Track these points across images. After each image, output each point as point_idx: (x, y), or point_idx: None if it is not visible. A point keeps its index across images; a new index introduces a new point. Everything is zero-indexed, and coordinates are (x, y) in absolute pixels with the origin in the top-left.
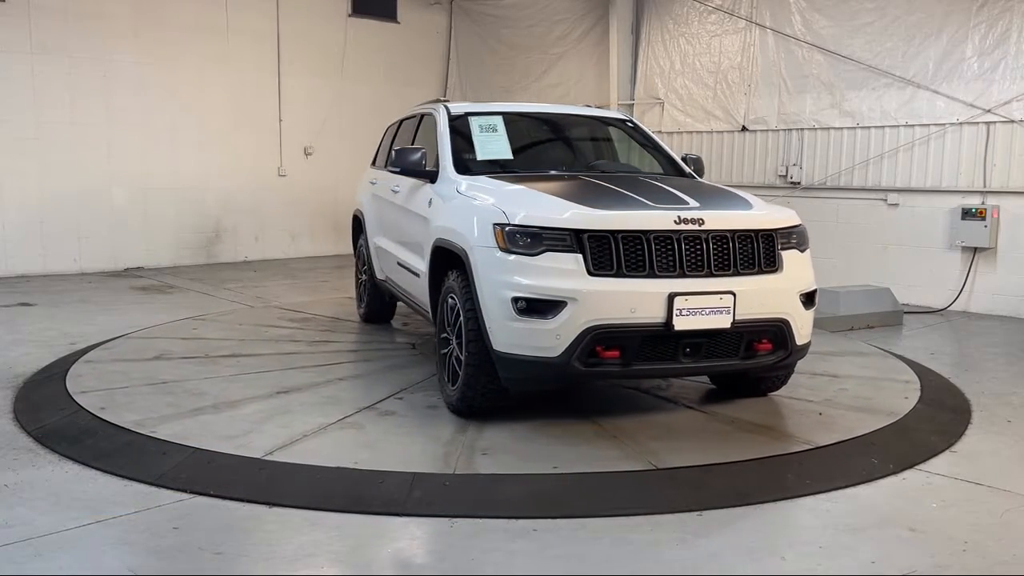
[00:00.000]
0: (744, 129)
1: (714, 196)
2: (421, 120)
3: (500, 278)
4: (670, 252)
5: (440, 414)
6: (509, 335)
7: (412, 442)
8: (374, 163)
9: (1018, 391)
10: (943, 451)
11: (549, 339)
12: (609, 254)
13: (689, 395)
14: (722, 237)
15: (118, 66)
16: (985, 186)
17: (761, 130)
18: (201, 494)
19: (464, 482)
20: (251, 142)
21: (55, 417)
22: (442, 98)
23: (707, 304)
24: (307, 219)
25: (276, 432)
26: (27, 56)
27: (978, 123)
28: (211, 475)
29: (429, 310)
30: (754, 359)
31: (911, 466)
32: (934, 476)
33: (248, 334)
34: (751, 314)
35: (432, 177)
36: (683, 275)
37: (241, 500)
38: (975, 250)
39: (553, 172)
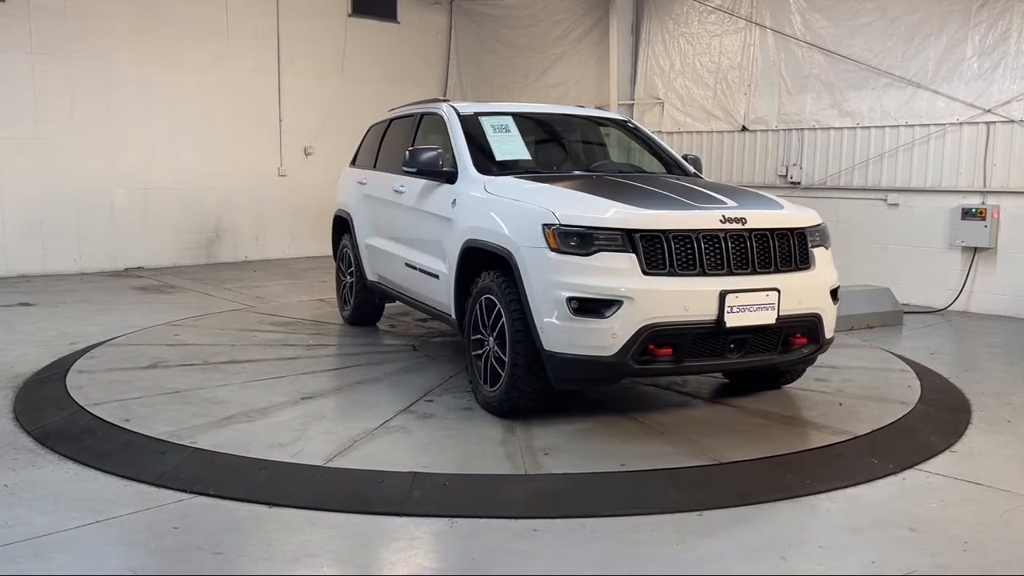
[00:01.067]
0: (744, 129)
1: (745, 196)
2: (421, 120)
3: (553, 278)
4: (718, 251)
5: (479, 415)
6: (563, 335)
7: (467, 444)
8: (354, 163)
9: (1018, 391)
10: (943, 451)
11: (605, 338)
12: (661, 253)
13: (705, 390)
14: (763, 235)
15: (118, 66)
16: (985, 186)
17: (761, 130)
18: (201, 494)
19: (464, 482)
20: (251, 142)
21: (55, 417)
22: (440, 97)
23: (755, 301)
24: (307, 219)
25: (324, 438)
26: (27, 56)
27: (978, 123)
28: (211, 475)
29: (449, 311)
30: (790, 353)
31: (911, 466)
32: (934, 476)
33: (238, 339)
34: (791, 310)
35: (450, 177)
36: (731, 273)
37: (241, 500)
38: (975, 250)
39: (576, 172)
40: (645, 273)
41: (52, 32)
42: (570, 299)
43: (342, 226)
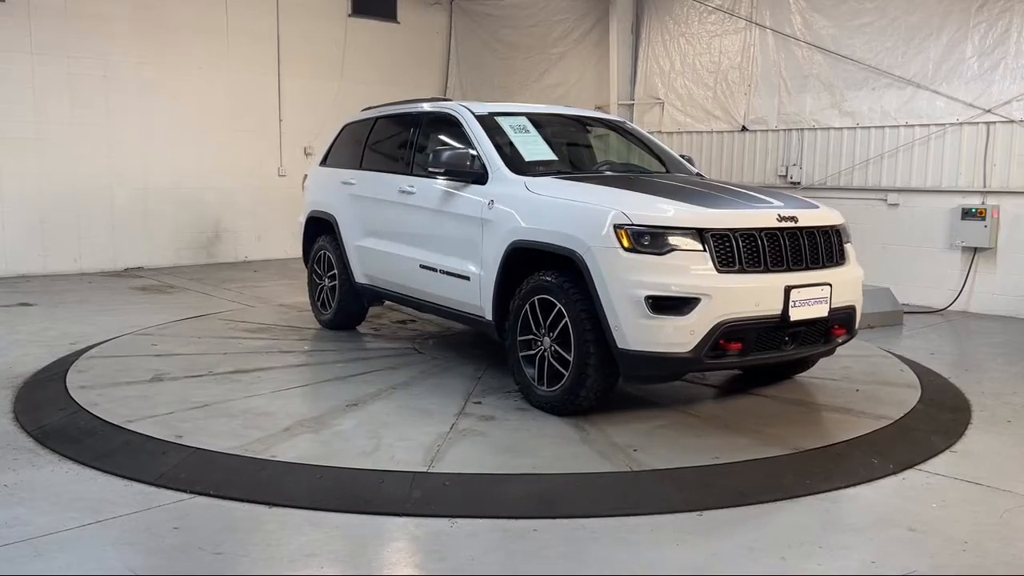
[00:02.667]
0: (744, 129)
1: (780, 196)
2: (422, 119)
3: (630, 277)
4: (777, 248)
5: (538, 414)
6: (642, 333)
7: (551, 444)
8: (325, 162)
9: (1018, 391)
10: (943, 451)
11: (683, 335)
12: (731, 251)
13: (719, 380)
14: (812, 233)
15: (118, 66)
16: (985, 186)
17: (761, 130)
18: (201, 494)
19: (464, 482)
20: (251, 142)
21: (55, 417)
22: (439, 96)
23: (813, 295)
24: None
25: (406, 444)
26: (27, 56)
27: (978, 123)
28: (211, 475)
29: (480, 313)
30: (829, 344)
31: (911, 466)
32: (934, 476)
33: (228, 347)
34: (837, 303)
35: (478, 178)
36: (789, 269)
37: (241, 500)
38: (975, 250)
39: (608, 172)
40: (719, 271)
41: (52, 32)
42: (650, 297)
43: (318, 228)
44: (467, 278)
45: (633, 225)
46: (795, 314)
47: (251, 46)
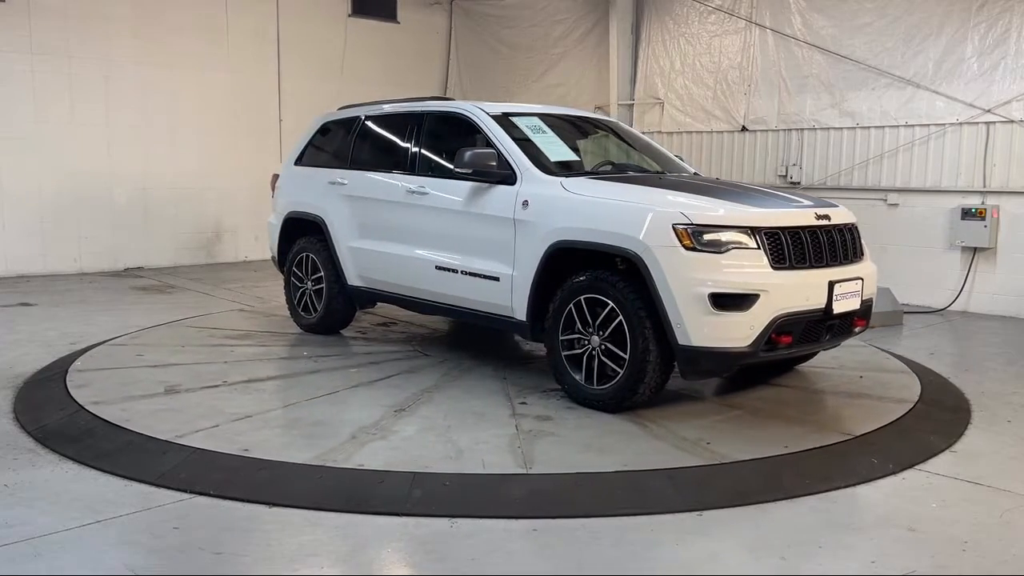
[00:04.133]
0: (744, 129)
1: (802, 195)
2: (424, 119)
3: (693, 276)
4: (818, 244)
5: (589, 412)
6: (704, 329)
7: (625, 441)
8: (301, 162)
9: (1018, 391)
10: (943, 451)
11: (743, 330)
12: (781, 248)
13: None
14: (841, 230)
15: (118, 66)
16: (985, 186)
17: (761, 130)
18: (201, 494)
19: (464, 482)
20: (251, 142)
21: (55, 417)
22: (432, 96)
23: (850, 289)
24: None
25: (485, 448)
26: (27, 56)
27: (978, 123)
28: (211, 475)
29: (509, 313)
30: (852, 334)
31: (911, 466)
32: (934, 476)
33: (223, 355)
34: (865, 295)
35: (504, 179)
36: (828, 265)
37: (241, 500)
38: (975, 250)
39: (632, 173)
40: (773, 268)
41: (52, 32)
42: (713, 295)
43: (297, 229)
44: (496, 279)
45: (692, 224)
46: (837, 307)
47: (251, 46)
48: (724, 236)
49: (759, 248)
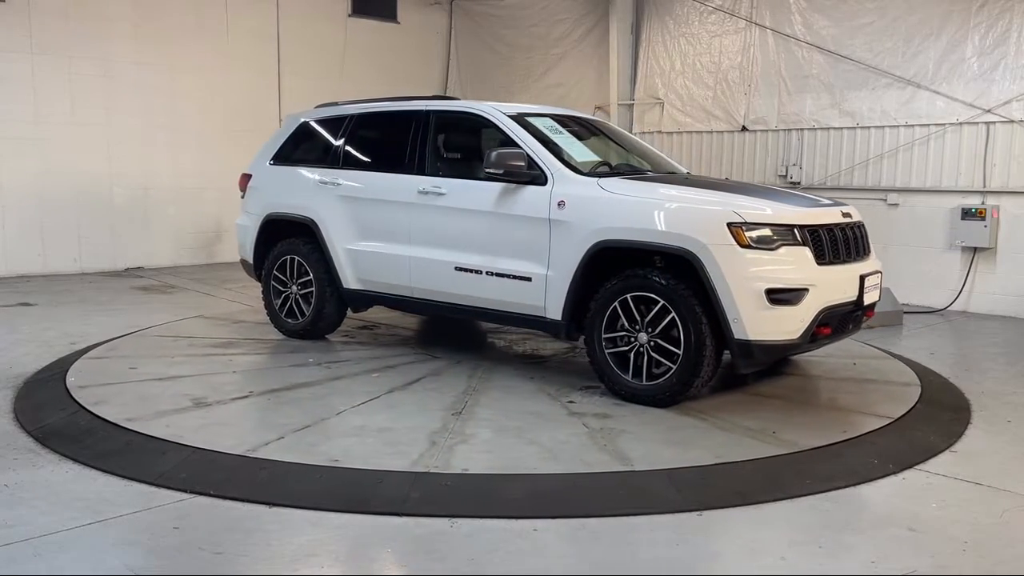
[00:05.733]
0: (744, 129)
1: (812, 195)
2: (431, 118)
3: (749, 272)
4: (847, 241)
5: (640, 409)
6: (760, 324)
7: (699, 434)
8: (278, 161)
9: (1018, 391)
10: (943, 451)
11: (795, 323)
12: (821, 245)
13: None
14: (857, 227)
15: (118, 66)
16: (985, 186)
17: (761, 130)
18: (201, 494)
19: (464, 482)
20: (251, 142)
21: (55, 417)
22: (440, 95)
23: (874, 282)
24: None
25: (571, 448)
26: (27, 56)
27: (978, 123)
28: (211, 475)
29: (540, 313)
30: (864, 325)
31: (911, 466)
32: (934, 476)
33: (224, 365)
34: (879, 288)
35: (534, 179)
36: (855, 260)
37: (241, 500)
38: (975, 250)
39: (651, 173)
40: (818, 263)
41: (52, 32)
42: (770, 290)
43: (278, 231)
44: (527, 279)
45: (746, 223)
46: (866, 299)
47: (251, 46)
48: (775, 234)
49: (805, 245)
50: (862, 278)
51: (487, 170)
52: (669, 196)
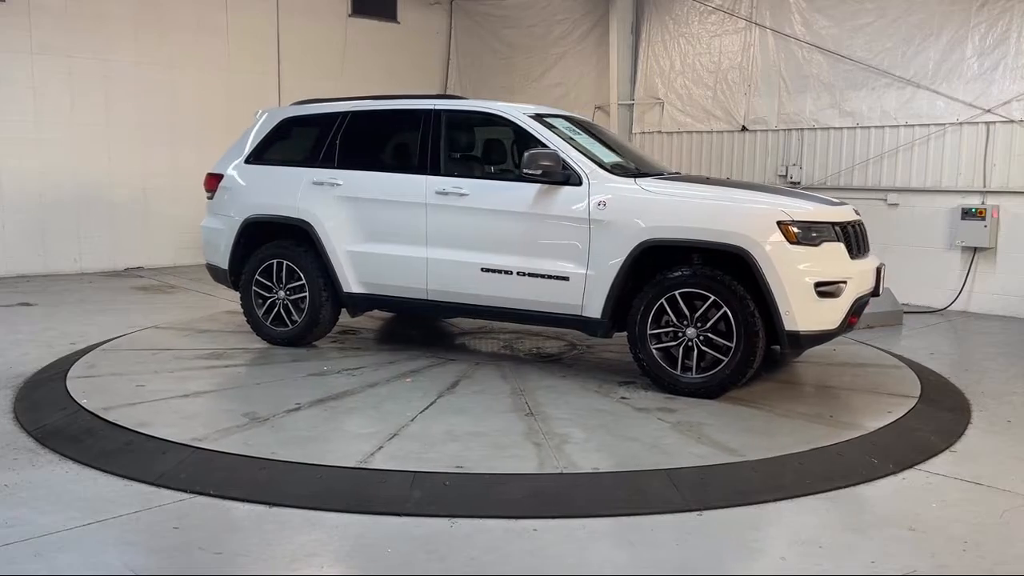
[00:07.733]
0: (744, 129)
1: (815, 195)
2: (441, 118)
3: (800, 267)
4: (860, 237)
5: (693, 401)
6: (809, 315)
7: (768, 423)
8: (254, 160)
9: (1018, 391)
10: (943, 451)
11: (836, 314)
12: (849, 240)
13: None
14: (860, 224)
15: (118, 66)
16: (985, 186)
17: (761, 130)
18: (201, 494)
19: (464, 482)
20: None
21: (55, 417)
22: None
23: (883, 275)
24: None
25: (668, 443)
26: (27, 56)
27: (978, 123)
28: (211, 475)
29: (577, 312)
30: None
31: (911, 466)
32: (934, 476)
33: (236, 379)
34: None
35: (567, 180)
36: (865, 254)
37: (241, 500)
38: (975, 250)
39: (673, 171)
40: (852, 258)
41: (52, 32)
42: (818, 283)
43: (260, 234)
44: (566, 279)
45: (794, 221)
46: (880, 290)
47: (251, 46)
48: (817, 231)
49: (839, 240)
50: (879, 270)
51: (525, 171)
52: (717, 196)
